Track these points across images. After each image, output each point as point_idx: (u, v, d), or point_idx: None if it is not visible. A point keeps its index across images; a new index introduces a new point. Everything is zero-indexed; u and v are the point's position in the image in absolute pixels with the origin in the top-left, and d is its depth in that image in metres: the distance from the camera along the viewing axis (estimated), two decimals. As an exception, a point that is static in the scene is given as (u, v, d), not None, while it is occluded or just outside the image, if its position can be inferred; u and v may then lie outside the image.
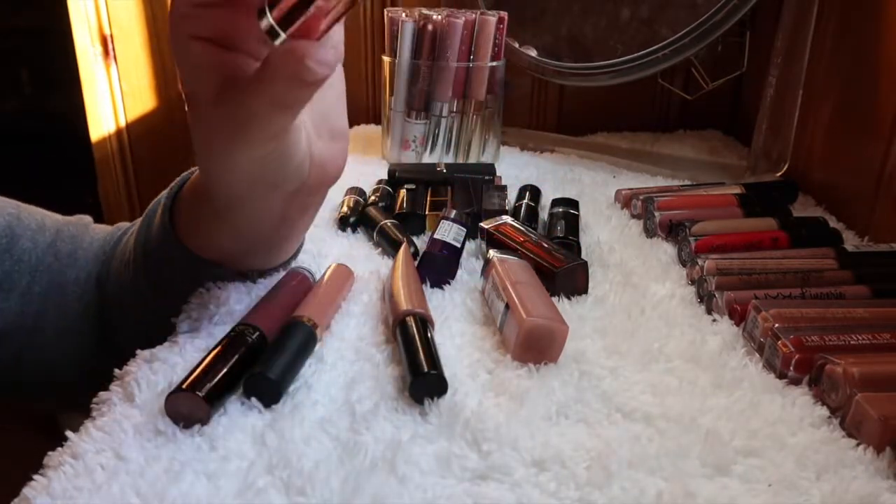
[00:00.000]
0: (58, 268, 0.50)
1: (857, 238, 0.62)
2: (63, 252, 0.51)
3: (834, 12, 0.70)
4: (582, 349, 0.44)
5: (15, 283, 0.49)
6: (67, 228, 0.53)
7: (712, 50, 0.78)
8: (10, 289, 0.48)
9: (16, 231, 0.49)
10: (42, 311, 0.49)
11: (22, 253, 0.49)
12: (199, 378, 0.36)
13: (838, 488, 0.33)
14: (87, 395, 0.52)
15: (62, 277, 0.50)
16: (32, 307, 0.49)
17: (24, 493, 0.31)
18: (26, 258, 0.49)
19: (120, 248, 0.51)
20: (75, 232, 0.53)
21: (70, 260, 0.51)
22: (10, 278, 0.48)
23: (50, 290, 0.50)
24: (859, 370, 0.38)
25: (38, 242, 0.50)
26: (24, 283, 0.49)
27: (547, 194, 0.70)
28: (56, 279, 0.50)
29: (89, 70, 0.98)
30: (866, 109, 0.65)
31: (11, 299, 0.48)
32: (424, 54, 0.76)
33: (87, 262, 0.52)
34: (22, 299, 0.49)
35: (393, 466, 0.34)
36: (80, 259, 0.51)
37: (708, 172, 0.78)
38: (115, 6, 0.96)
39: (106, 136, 1.02)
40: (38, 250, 0.50)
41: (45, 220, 0.52)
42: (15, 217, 0.50)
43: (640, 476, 0.34)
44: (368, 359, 0.42)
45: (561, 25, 0.87)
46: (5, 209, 0.50)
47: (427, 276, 0.52)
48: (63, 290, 0.50)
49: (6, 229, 0.49)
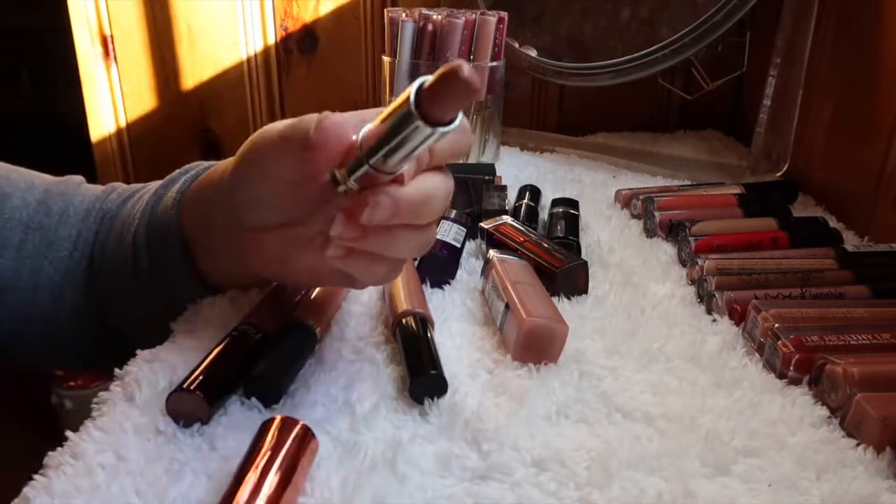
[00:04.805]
0: (49, 224, 0.51)
1: (857, 238, 0.62)
2: (54, 210, 0.51)
3: (834, 12, 0.70)
4: (582, 349, 0.44)
5: (7, 241, 0.49)
6: (57, 187, 0.53)
7: (712, 50, 0.78)
8: (4, 246, 0.49)
9: (5, 190, 0.50)
10: (36, 267, 0.50)
11: (13, 210, 0.50)
12: (199, 378, 0.36)
13: (838, 488, 0.33)
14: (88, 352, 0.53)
15: (54, 234, 0.51)
16: (27, 263, 0.50)
17: (25, 493, 0.31)
18: (17, 215, 0.50)
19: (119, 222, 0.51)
20: (65, 189, 0.53)
21: (61, 217, 0.51)
22: (2, 235, 0.49)
23: (42, 246, 0.50)
24: (859, 370, 0.38)
25: (27, 200, 0.51)
26: (17, 240, 0.49)
27: (547, 194, 0.70)
28: (48, 236, 0.51)
29: (89, 70, 0.98)
30: (866, 109, 0.65)
31: (5, 256, 0.49)
32: (424, 54, 0.76)
33: (78, 220, 0.52)
34: (15, 255, 0.49)
35: (393, 466, 0.34)
36: (72, 216, 0.52)
37: (708, 172, 0.78)
38: (115, 6, 0.96)
39: (106, 136, 1.02)
40: (28, 208, 0.50)
41: (35, 180, 0.52)
42: (4, 177, 0.50)
43: (640, 476, 0.34)
44: (368, 359, 0.42)
45: (561, 25, 0.87)
46: None
47: (427, 276, 0.52)
48: (56, 247, 0.51)
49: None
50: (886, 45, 0.63)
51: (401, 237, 0.36)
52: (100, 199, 0.53)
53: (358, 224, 0.34)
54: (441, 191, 0.36)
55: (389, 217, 0.34)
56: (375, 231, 0.35)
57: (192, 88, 1.00)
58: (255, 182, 0.39)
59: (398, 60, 0.77)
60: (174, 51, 0.98)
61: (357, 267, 0.37)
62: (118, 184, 0.56)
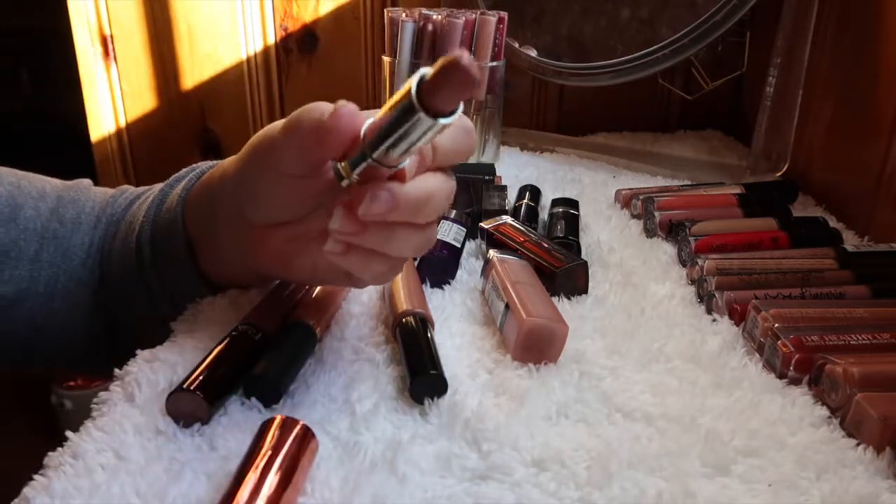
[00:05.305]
0: (63, 233, 0.51)
1: (857, 238, 0.62)
2: (67, 218, 0.52)
3: (834, 12, 0.70)
4: (582, 349, 0.44)
5: (23, 251, 0.49)
6: (68, 193, 0.53)
7: (712, 50, 0.78)
8: (19, 256, 0.49)
9: (17, 200, 0.50)
10: (52, 277, 0.50)
11: (27, 221, 0.50)
12: (199, 378, 0.36)
13: (838, 488, 0.33)
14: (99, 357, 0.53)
15: (68, 243, 0.51)
16: (43, 273, 0.50)
17: (24, 493, 0.31)
18: (31, 226, 0.50)
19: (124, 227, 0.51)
20: (76, 196, 0.53)
21: (74, 225, 0.52)
22: (18, 246, 0.49)
23: (57, 255, 0.50)
24: (859, 370, 0.38)
25: (40, 210, 0.51)
26: (33, 251, 0.50)
27: (547, 194, 0.70)
28: (62, 245, 0.51)
29: (89, 70, 0.98)
30: (866, 109, 0.65)
31: (21, 267, 0.49)
32: (424, 54, 0.76)
33: (90, 227, 0.52)
34: (31, 266, 0.49)
35: (393, 466, 0.34)
36: (84, 224, 0.52)
37: (708, 172, 0.78)
38: (115, 6, 0.96)
39: (106, 136, 1.02)
40: (41, 218, 0.51)
41: (46, 187, 0.52)
42: (15, 186, 0.50)
43: (640, 476, 0.34)
44: (368, 359, 0.42)
45: (561, 25, 0.87)
46: (5, 178, 0.50)
47: (427, 276, 0.52)
48: (70, 256, 0.51)
49: (8, 199, 0.49)
50: (886, 45, 0.63)
51: (400, 235, 0.36)
52: (109, 204, 0.54)
53: (357, 219, 0.34)
54: (442, 191, 0.36)
55: (387, 211, 0.34)
56: (374, 227, 0.35)
57: (192, 88, 1.00)
58: (259, 177, 0.39)
59: (398, 60, 0.77)
60: (174, 51, 0.98)
61: (355, 263, 0.37)
62: (127, 186, 0.56)
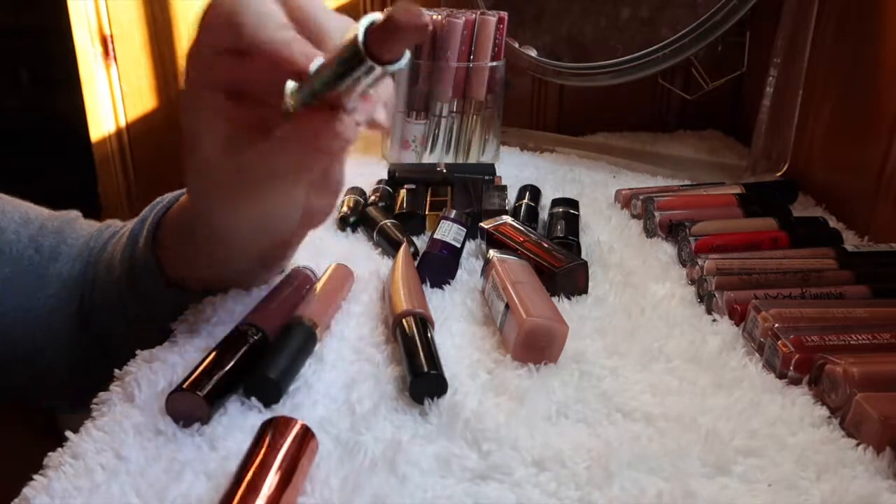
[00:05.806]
0: (39, 261, 0.51)
1: (857, 238, 0.62)
2: (45, 246, 0.51)
3: (834, 12, 0.70)
4: (582, 349, 0.44)
5: None
6: (52, 223, 0.53)
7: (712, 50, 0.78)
8: None
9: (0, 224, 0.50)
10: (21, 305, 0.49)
11: (4, 245, 0.49)
12: (199, 378, 0.36)
13: (838, 488, 0.33)
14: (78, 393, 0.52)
15: (43, 270, 0.51)
16: (11, 300, 0.49)
17: (24, 493, 0.31)
18: (8, 250, 0.50)
19: (105, 258, 0.51)
20: (60, 227, 0.53)
21: (52, 254, 0.51)
22: None
23: (30, 283, 0.50)
24: (859, 370, 0.38)
25: (21, 235, 0.51)
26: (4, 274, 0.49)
27: (547, 194, 0.70)
28: (37, 271, 0.50)
29: (89, 70, 0.98)
30: (866, 109, 0.65)
31: None
32: (424, 54, 0.76)
33: (71, 258, 0.52)
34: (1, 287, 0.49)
35: (393, 466, 0.34)
36: (63, 255, 0.52)
37: (708, 172, 0.78)
38: (115, 6, 0.96)
39: (106, 136, 1.02)
40: (20, 244, 0.50)
41: (30, 213, 0.52)
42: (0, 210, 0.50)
43: (640, 476, 0.34)
44: (368, 359, 0.42)
45: (561, 25, 0.87)
46: None
47: (427, 276, 0.52)
48: (44, 285, 0.50)
49: None
50: (886, 45, 0.63)
51: None
52: (93, 238, 0.53)
53: None
54: None
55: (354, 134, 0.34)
56: None
57: (192, 88, 1.00)
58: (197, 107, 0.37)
59: (398, 60, 0.77)
60: (174, 51, 0.98)
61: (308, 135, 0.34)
62: (113, 221, 0.55)
